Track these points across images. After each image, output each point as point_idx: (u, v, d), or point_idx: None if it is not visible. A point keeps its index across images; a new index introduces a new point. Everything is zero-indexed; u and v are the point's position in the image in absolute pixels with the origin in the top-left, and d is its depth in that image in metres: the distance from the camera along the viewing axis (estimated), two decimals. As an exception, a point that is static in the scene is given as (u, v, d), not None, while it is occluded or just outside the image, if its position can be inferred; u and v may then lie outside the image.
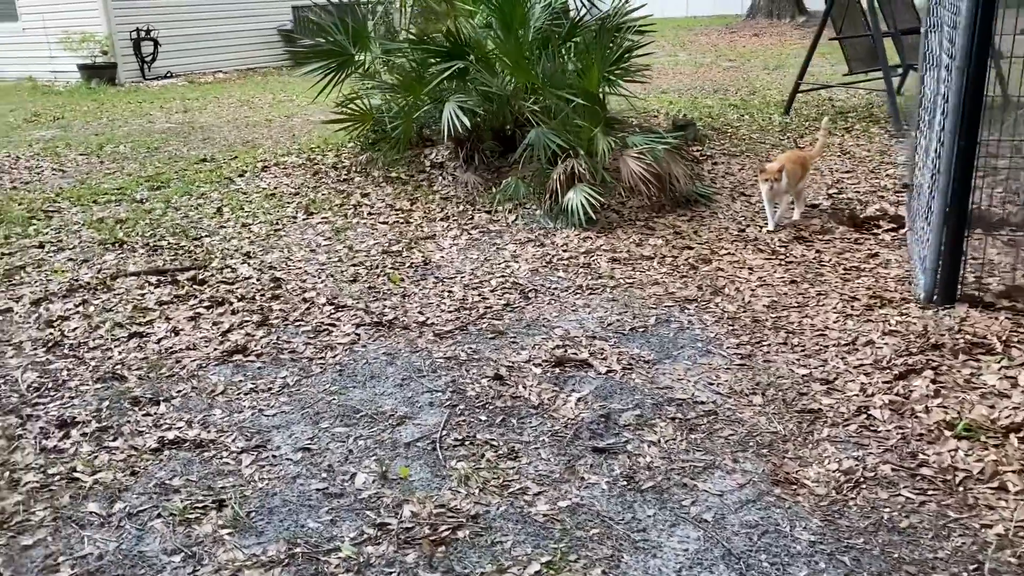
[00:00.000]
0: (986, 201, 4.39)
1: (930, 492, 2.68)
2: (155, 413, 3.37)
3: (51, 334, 4.10)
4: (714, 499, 2.73)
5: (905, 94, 8.79)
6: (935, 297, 3.96)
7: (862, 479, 2.78)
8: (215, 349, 3.94)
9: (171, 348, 3.96)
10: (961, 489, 2.68)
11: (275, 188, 6.52)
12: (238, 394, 3.53)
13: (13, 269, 4.86)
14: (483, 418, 3.29)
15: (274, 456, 3.06)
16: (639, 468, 2.91)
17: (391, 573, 2.44)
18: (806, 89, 8.80)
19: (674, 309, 4.25)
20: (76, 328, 4.15)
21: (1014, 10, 3.75)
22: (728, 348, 3.78)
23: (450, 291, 4.64)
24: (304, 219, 5.85)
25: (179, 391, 3.56)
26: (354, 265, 5.03)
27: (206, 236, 5.46)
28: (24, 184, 6.84)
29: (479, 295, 4.57)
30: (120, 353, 3.91)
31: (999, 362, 3.37)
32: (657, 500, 2.74)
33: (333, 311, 4.38)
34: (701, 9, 23.26)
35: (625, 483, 2.83)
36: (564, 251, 5.14)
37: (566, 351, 3.82)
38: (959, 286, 3.94)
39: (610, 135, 5.70)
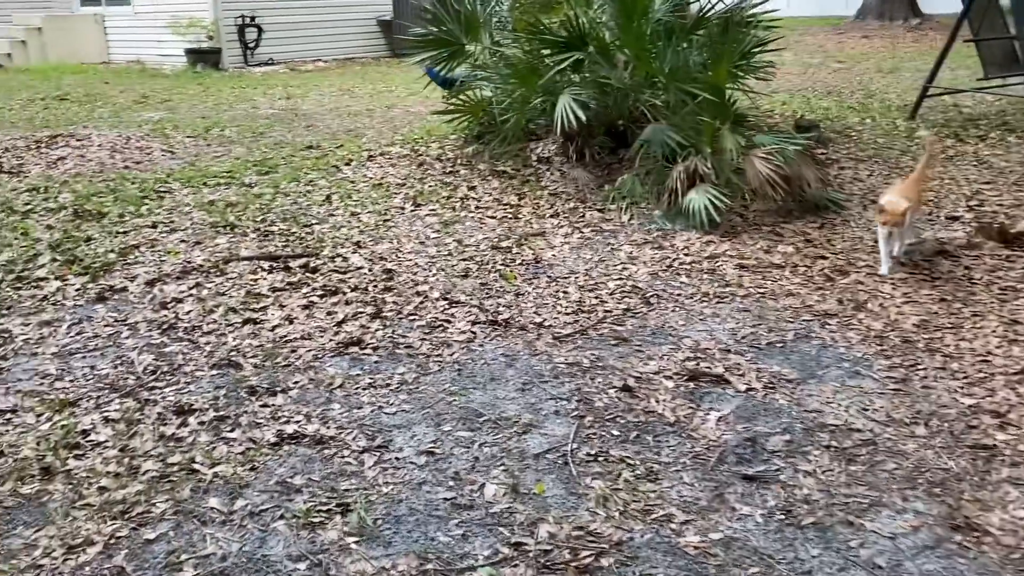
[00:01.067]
0: None
1: None
2: (273, 404, 3.25)
3: (166, 316, 4.05)
4: (886, 542, 2.45)
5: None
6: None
7: (1059, 531, 2.45)
8: (330, 340, 3.81)
9: (286, 336, 3.85)
10: None
11: (382, 178, 6.41)
12: (356, 388, 3.39)
13: (128, 248, 4.85)
14: (615, 433, 3.06)
15: (397, 458, 2.90)
16: (796, 501, 2.64)
17: (532, 601, 2.24)
18: (936, 93, 8.28)
19: (813, 324, 3.94)
20: (190, 311, 4.09)
21: None
22: (879, 370, 3.46)
23: (565, 292, 4.42)
24: (412, 210, 5.72)
25: (296, 382, 3.43)
26: (464, 260, 4.86)
27: (316, 223, 5.37)
28: (136, 164, 6.91)
29: (596, 298, 4.34)
30: (235, 339, 3.82)
31: None
32: (820, 539, 2.47)
33: (447, 306, 4.21)
34: (803, 9, 22.47)
35: (782, 517, 2.57)
36: (685, 255, 4.86)
37: (699, 364, 3.56)
38: None
39: (737, 133, 5.38)
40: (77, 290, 4.30)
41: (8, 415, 3.16)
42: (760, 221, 5.32)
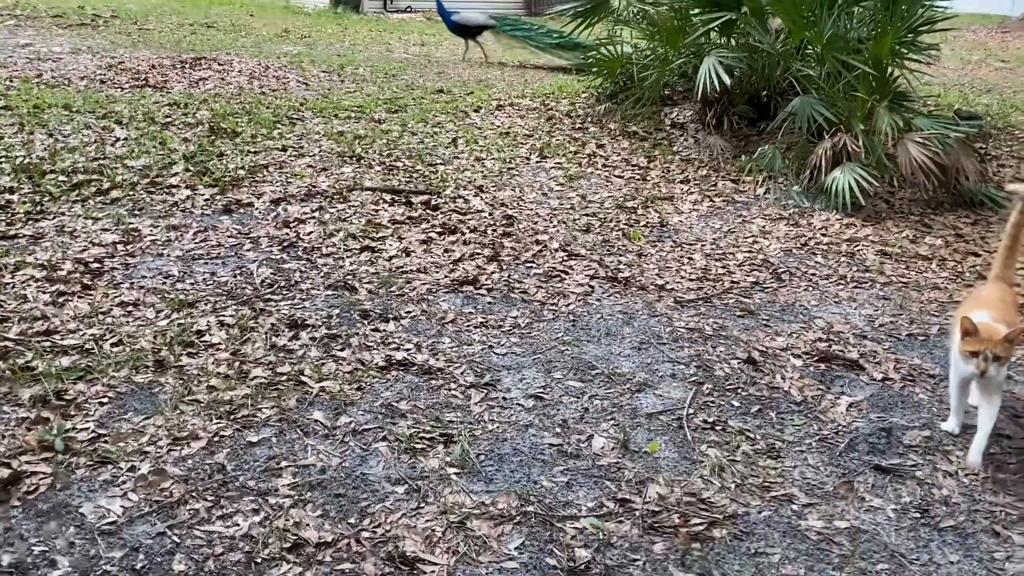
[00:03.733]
0: None
1: None
2: (384, 330, 3.20)
3: (287, 234, 4.05)
4: (1035, 558, 2.19)
5: None
6: None
7: None
8: (445, 276, 3.73)
9: (402, 268, 3.79)
10: None
11: (509, 127, 6.30)
12: (468, 325, 3.30)
13: (257, 167, 4.90)
14: (736, 404, 2.87)
15: (504, 398, 2.79)
16: (933, 501, 2.40)
17: (635, 561, 2.09)
18: (1118, 98, 7.53)
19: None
20: (311, 233, 4.08)
21: None
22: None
23: (690, 258, 4.21)
24: (537, 161, 5.58)
25: (408, 312, 3.37)
26: (587, 215, 4.71)
27: (440, 164, 5.31)
28: (272, 91, 7.01)
29: (723, 267, 4.11)
30: (352, 264, 3.79)
31: None
32: (960, 545, 2.23)
33: (565, 258, 4.08)
34: (964, 4, 21.03)
35: (917, 515, 2.33)
36: (823, 235, 4.56)
37: (831, 346, 3.31)
38: None
39: (894, 113, 4.99)
40: (206, 200, 4.37)
41: (130, 307, 3.22)
42: (907, 209, 4.94)
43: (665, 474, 2.44)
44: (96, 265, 3.54)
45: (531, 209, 4.72)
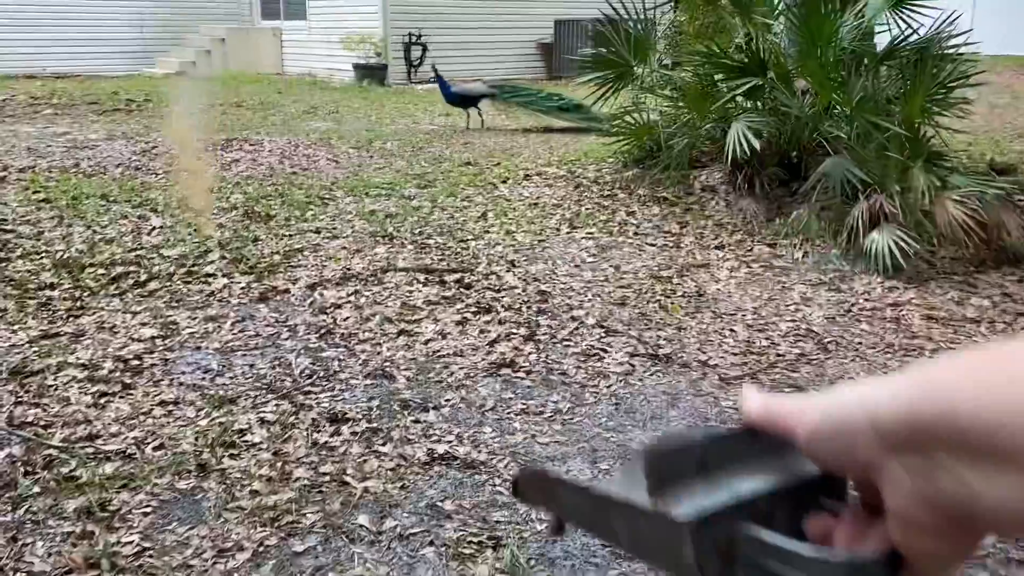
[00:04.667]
0: None
1: None
2: (424, 421, 3.15)
3: (324, 321, 4.05)
4: None
5: None
6: None
7: None
8: (483, 359, 3.69)
9: (438, 351, 3.76)
10: None
11: (537, 198, 6.32)
12: (508, 412, 3.24)
13: (292, 251, 4.94)
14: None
15: (551, 494, 2.72)
16: (1011, 595, 2.28)
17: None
18: None
19: None
20: (348, 318, 4.08)
21: None
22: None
23: (732, 329, 4.14)
24: (567, 232, 5.57)
25: (448, 400, 3.33)
26: (621, 287, 4.66)
27: (471, 239, 5.32)
28: (303, 170, 7.12)
29: (767, 339, 4.03)
30: (389, 350, 3.76)
31: None
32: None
33: (603, 335, 4.02)
34: (987, 46, 21.05)
35: (996, 613, 2.21)
36: (866, 300, 4.47)
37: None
38: None
39: (930, 172, 4.93)
40: (242, 288, 4.39)
41: (170, 407, 3.21)
42: (950, 269, 4.85)
43: (724, 574, 2.34)
44: (136, 362, 3.55)
45: (564, 283, 4.69)
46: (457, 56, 14.93)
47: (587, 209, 6.06)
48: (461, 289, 4.49)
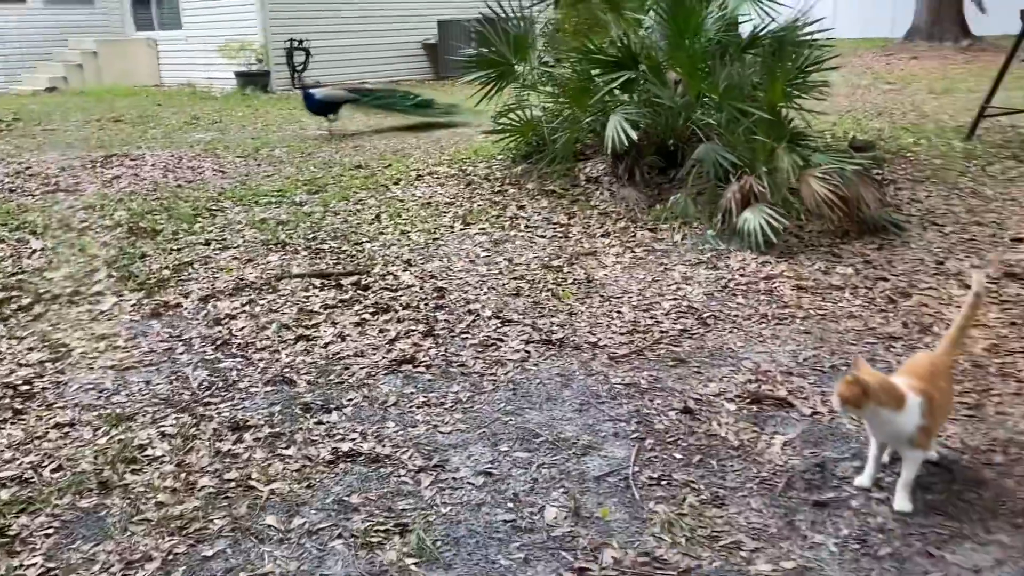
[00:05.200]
0: None
1: None
2: (327, 421, 3.22)
3: (219, 332, 4.05)
4: (966, 574, 2.32)
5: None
6: None
7: None
8: (383, 357, 3.78)
9: (338, 353, 3.83)
10: None
11: (430, 197, 6.42)
12: (410, 406, 3.35)
13: (182, 265, 4.89)
14: (678, 456, 2.97)
15: (454, 479, 2.84)
16: (870, 529, 2.53)
17: (599, 629, 2.16)
18: (994, 113, 8.08)
19: (878, 347, 3.82)
20: (244, 328, 4.09)
21: None
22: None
23: (619, 312, 4.35)
24: (461, 229, 5.70)
25: (350, 399, 3.40)
26: (515, 278, 4.82)
27: (366, 242, 5.37)
28: (188, 183, 7.00)
29: (652, 318, 4.26)
30: (288, 356, 3.80)
31: None
32: (899, 570, 2.36)
33: (499, 325, 4.17)
34: (849, 30, 22.24)
35: (857, 546, 2.46)
36: (741, 275, 4.76)
37: (760, 387, 3.46)
38: None
39: (793, 152, 5.28)
40: (132, 305, 4.34)
41: (66, 428, 3.17)
42: (817, 242, 5.20)
43: (618, 537, 2.52)
44: (26, 387, 3.48)
45: (460, 278, 4.81)
46: (342, 60, 14.85)
47: (479, 206, 6.19)
48: (358, 291, 4.55)
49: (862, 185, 5.35)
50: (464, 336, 4.03)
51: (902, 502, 2.60)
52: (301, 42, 14.24)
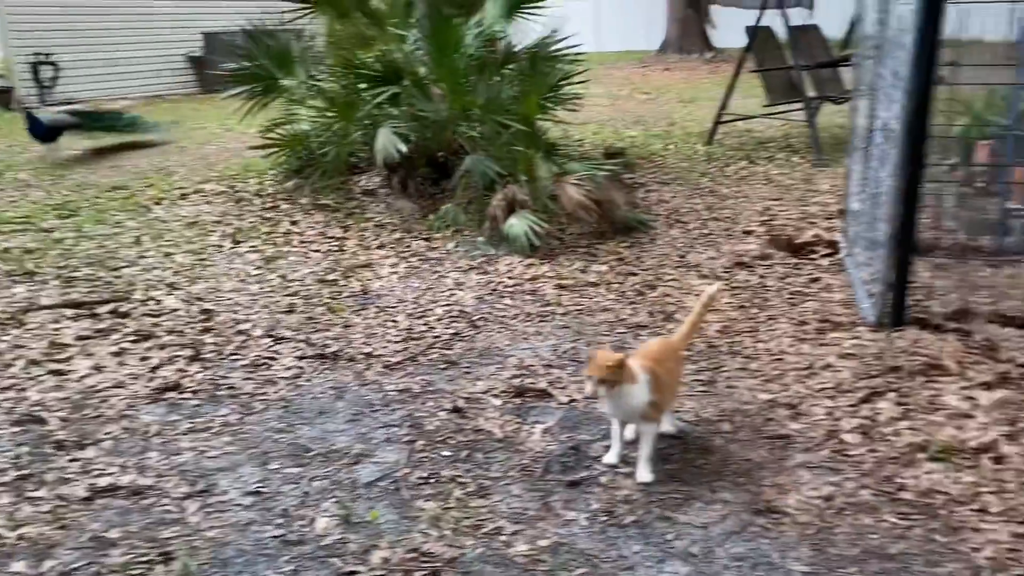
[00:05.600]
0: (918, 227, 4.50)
1: (914, 516, 2.65)
2: (83, 458, 3.06)
3: (-45, 374, 3.71)
4: (698, 532, 2.63)
5: (821, 124, 9.07)
6: (884, 320, 4.00)
7: (844, 505, 2.73)
8: (145, 387, 3.63)
9: (95, 387, 3.63)
10: (944, 512, 2.66)
11: (196, 216, 6.19)
12: (175, 435, 3.25)
13: (-93, 303, 4.42)
14: (446, 454, 3.11)
15: (222, 502, 2.81)
16: (616, 502, 2.79)
17: (367, 627, 2.23)
18: (728, 120, 9.00)
19: (627, 336, 4.17)
20: (-16, 367, 3.77)
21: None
22: (688, 375, 3.71)
23: (394, 321, 4.44)
24: (231, 248, 5.56)
25: (108, 433, 3.25)
26: (289, 295, 4.78)
27: (125, 267, 5.11)
28: (-86, 212, 6.30)
29: (425, 324, 4.39)
30: (38, 393, 3.56)
31: (957, 383, 3.40)
32: (640, 535, 2.62)
33: (271, 343, 4.13)
34: (610, 44, 23.78)
35: (605, 518, 2.70)
36: (509, 278, 5.01)
37: (523, 381, 3.69)
38: (906, 309, 4.00)
39: (550, 161, 5.63)
40: None
41: None
42: (576, 243, 5.58)
43: (388, 537, 2.60)
44: None
45: (230, 299, 4.70)
46: (97, 73, 13.88)
47: (250, 223, 6.06)
48: (116, 319, 4.33)
49: (614, 189, 5.80)
50: (234, 358, 3.96)
51: (643, 474, 2.89)
52: (48, 56, 13.19)
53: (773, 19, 8.71)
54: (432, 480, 2.93)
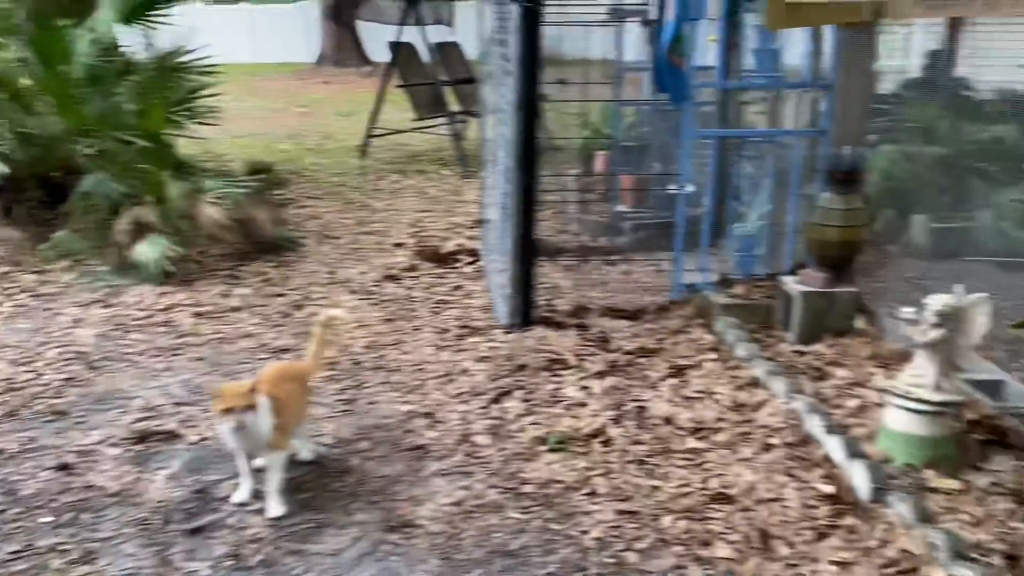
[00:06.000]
0: (545, 232, 4.86)
1: (534, 509, 2.80)
2: None
3: None
4: (329, 560, 2.56)
5: (467, 138, 9.53)
6: (515, 321, 4.24)
7: (472, 508, 2.81)
8: None
9: None
10: (559, 500, 2.84)
11: None
12: None
13: None
14: (46, 519, 2.73)
15: None
16: (244, 543, 2.62)
17: None
18: (380, 134, 9.11)
19: (270, 361, 3.99)
20: None
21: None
22: (330, 395, 3.64)
23: (-7, 371, 3.85)
24: None
25: None
26: None
27: None
28: None
29: (32, 372, 3.85)
30: None
31: (575, 375, 3.69)
32: (268, 575, 2.48)
33: None
34: (267, 55, 23.09)
35: (231, 562, 2.53)
36: (139, 310, 4.58)
37: (148, 424, 3.36)
38: (533, 309, 4.28)
39: (181, 180, 5.25)
40: None
41: None
42: (217, 266, 5.26)
43: (-41, 634, 2.20)
44: None
45: None
46: None
47: None
48: None
49: (258, 206, 5.57)
50: None
51: (273, 508, 2.75)
52: None
53: (416, 35, 8.98)
54: (25, 553, 2.54)
